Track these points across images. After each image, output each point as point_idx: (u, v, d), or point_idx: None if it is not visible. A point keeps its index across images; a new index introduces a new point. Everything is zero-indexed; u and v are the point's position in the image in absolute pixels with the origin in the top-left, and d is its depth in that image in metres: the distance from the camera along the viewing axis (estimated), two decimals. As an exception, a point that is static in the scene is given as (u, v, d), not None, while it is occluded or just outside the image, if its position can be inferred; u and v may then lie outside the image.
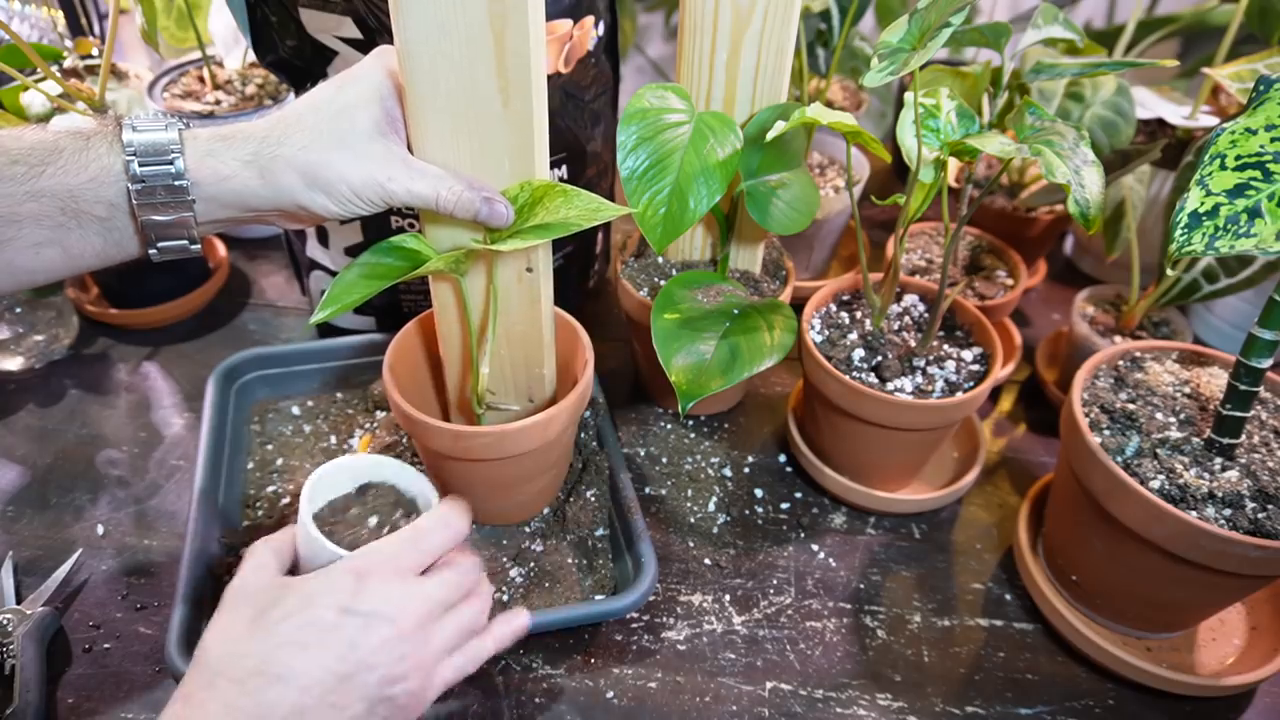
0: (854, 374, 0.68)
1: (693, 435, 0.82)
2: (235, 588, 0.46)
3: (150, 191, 0.47)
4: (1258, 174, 0.47)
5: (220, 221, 0.51)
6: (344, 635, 0.43)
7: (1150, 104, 0.94)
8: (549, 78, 0.71)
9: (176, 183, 0.48)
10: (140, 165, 0.47)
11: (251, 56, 1.00)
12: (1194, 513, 0.55)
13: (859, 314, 0.75)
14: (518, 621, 0.54)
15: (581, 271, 0.92)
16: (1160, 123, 0.95)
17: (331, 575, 0.45)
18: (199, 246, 0.51)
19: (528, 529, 0.70)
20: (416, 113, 0.51)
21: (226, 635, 0.44)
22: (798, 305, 0.73)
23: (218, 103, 0.98)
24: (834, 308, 0.76)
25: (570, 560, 0.67)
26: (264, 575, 0.46)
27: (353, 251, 0.81)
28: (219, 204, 0.50)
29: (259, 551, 0.48)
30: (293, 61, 0.72)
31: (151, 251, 0.50)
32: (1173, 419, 0.62)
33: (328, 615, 0.43)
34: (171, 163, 0.47)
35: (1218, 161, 0.48)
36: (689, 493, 0.77)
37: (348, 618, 0.43)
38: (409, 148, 0.53)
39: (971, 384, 0.68)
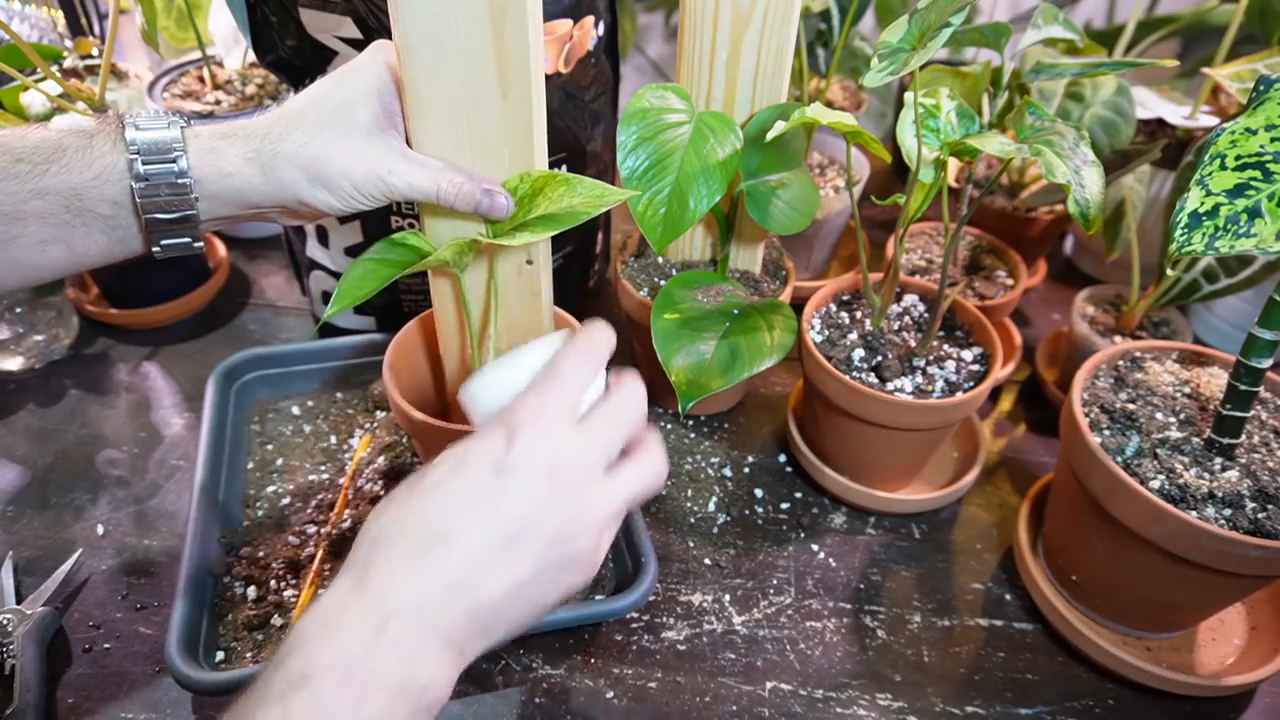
0: (854, 374, 0.68)
1: (693, 435, 0.82)
2: (411, 475, 0.43)
3: (154, 190, 0.48)
4: (1258, 174, 0.47)
5: (222, 219, 0.52)
6: (502, 494, 0.40)
7: (1150, 104, 0.94)
8: (549, 78, 0.71)
9: (179, 181, 0.48)
10: (143, 164, 0.47)
11: (251, 56, 1.00)
12: (1194, 513, 0.55)
13: (859, 314, 0.75)
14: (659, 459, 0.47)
15: (581, 271, 0.92)
16: (1160, 123, 0.95)
17: (483, 435, 0.42)
18: (201, 244, 0.51)
19: (528, 529, 0.70)
20: (416, 106, 0.51)
21: (388, 509, 0.41)
22: (798, 305, 0.73)
23: (218, 103, 0.98)
24: (834, 308, 0.76)
25: (570, 560, 0.67)
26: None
27: (352, 251, 0.81)
28: (221, 201, 0.50)
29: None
30: (293, 61, 0.72)
31: (155, 249, 0.50)
32: (1173, 419, 0.62)
33: (482, 475, 0.40)
34: (174, 161, 0.48)
35: (1218, 161, 0.48)
36: (689, 493, 0.77)
37: (502, 476, 0.40)
38: (408, 142, 0.53)
39: (971, 384, 0.68)
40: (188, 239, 0.50)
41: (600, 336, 0.47)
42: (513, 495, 0.40)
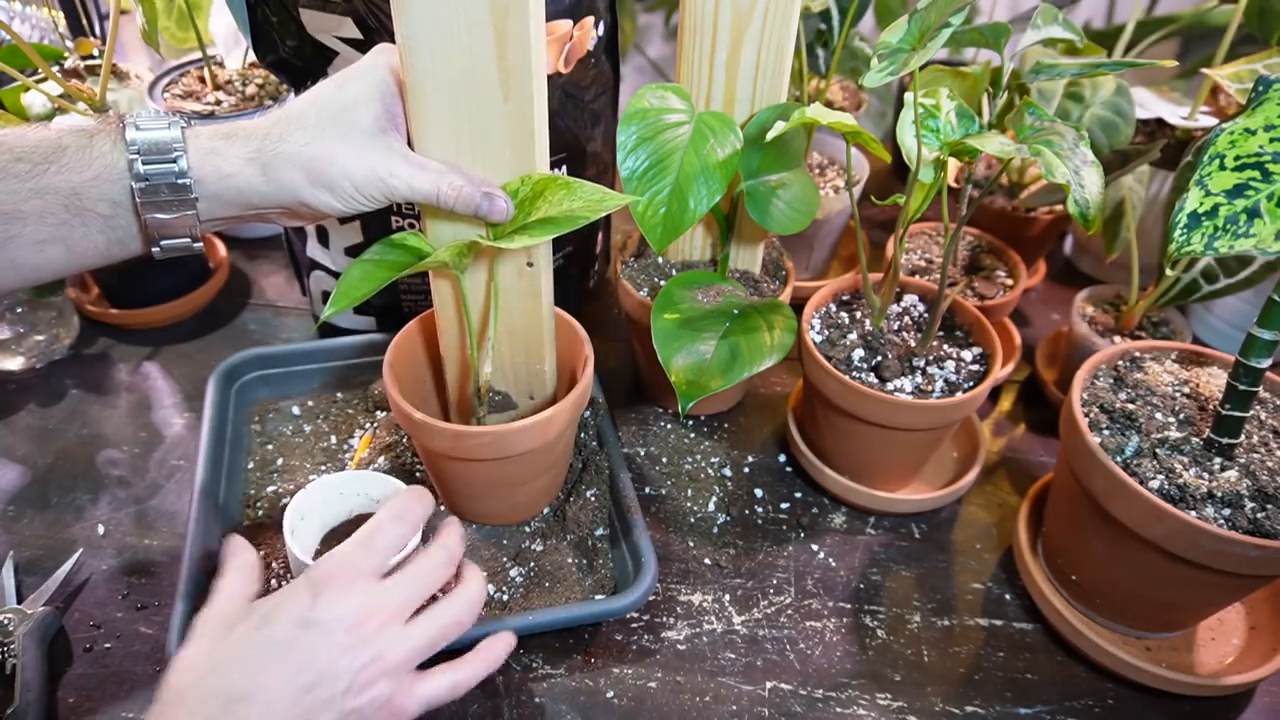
0: (854, 374, 0.68)
1: (693, 435, 0.82)
2: (203, 616, 0.46)
3: (154, 190, 0.48)
4: (1257, 174, 0.47)
5: (223, 219, 0.52)
6: (302, 647, 0.43)
7: (1150, 104, 0.94)
8: (549, 78, 0.71)
9: (180, 181, 0.48)
10: (144, 164, 0.47)
11: (252, 57, 1.00)
12: (1193, 512, 0.55)
13: (859, 314, 0.75)
14: (504, 640, 0.53)
15: (581, 271, 0.92)
16: (1160, 123, 0.95)
17: (289, 590, 0.45)
18: (201, 244, 0.51)
19: (528, 529, 0.70)
20: (418, 107, 0.51)
21: (191, 662, 0.43)
22: (798, 305, 0.73)
23: (218, 103, 0.98)
24: (834, 308, 0.76)
25: (570, 560, 0.67)
26: (232, 603, 0.46)
27: (353, 251, 0.81)
28: (222, 202, 0.50)
29: (227, 581, 0.48)
30: (293, 61, 0.72)
31: (154, 249, 0.50)
32: (1172, 419, 0.62)
33: (284, 630, 0.43)
34: (175, 161, 0.48)
35: (1217, 162, 0.48)
36: (689, 493, 0.77)
37: (305, 630, 0.43)
38: (410, 142, 0.53)
39: (971, 384, 0.68)
40: (187, 239, 0.50)
41: (415, 504, 0.51)
42: (311, 648, 0.43)
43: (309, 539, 0.61)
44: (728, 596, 0.68)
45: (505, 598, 0.65)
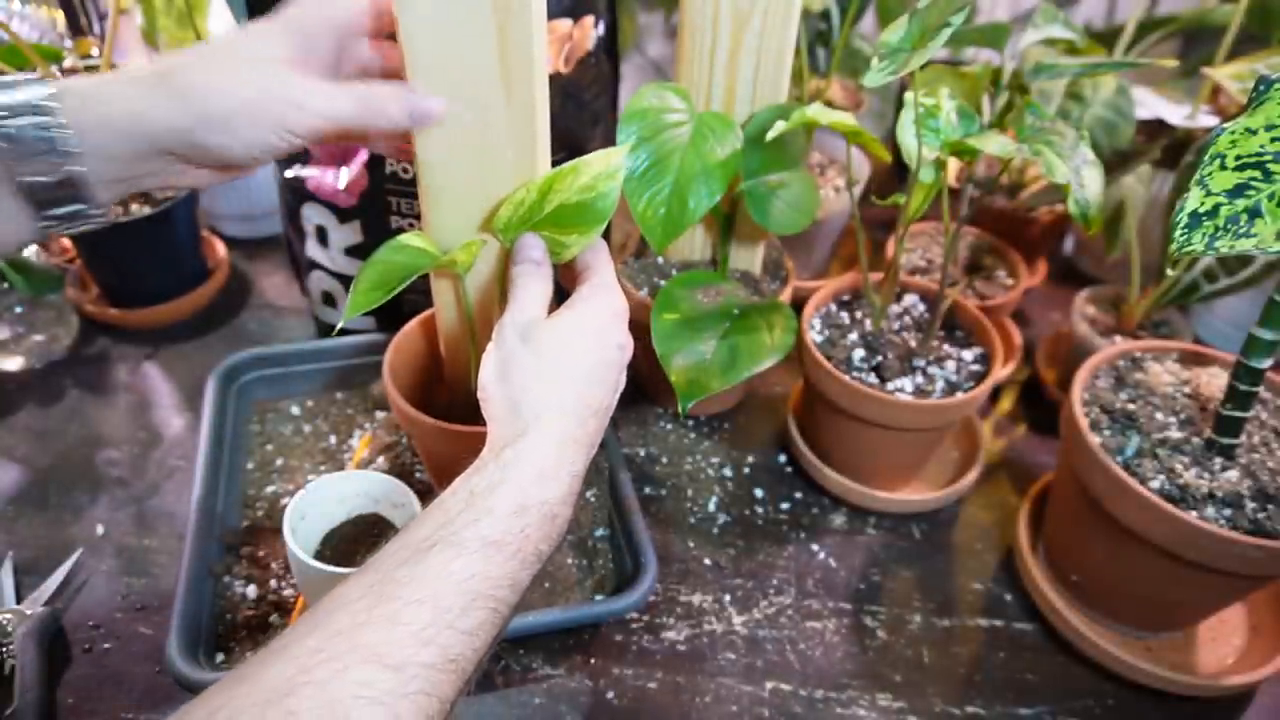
0: (854, 374, 0.68)
1: (693, 435, 0.82)
2: (526, 322, 0.50)
3: (24, 149, 0.42)
4: (1258, 174, 0.47)
5: (121, 180, 0.46)
6: (618, 365, 0.52)
7: (1150, 104, 0.94)
8: (549, 77, 0.71)
9: (55, 133, 0.42)
10: (10, 119, 0.41)
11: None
12: (1194, 513, 0.55)
13: (859, 314, 0.75)
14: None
15: (581, 271, 0.92)
16: (1160, 123, 0.95)
17: (607, 314, 0.52)
18: (103, 212, 0.46)
19: (528, 529, 0.70)
20: None
21: (542, 371, 0.49)
22: (798, 305, 0.73)
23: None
24: (834, 308, 0.76)
25: (570, 560, 0.67)
26: (544, 311, 0.52)
27: (353, 252, 0.81)
28: (107, 155, 0.44)
29: (535, 288, 0.52)
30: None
31: (41, 224, 0.44)
32: (1173, 419, 0.62)
33: (614, 355, 0.51)
34: (50, 114, 0.42)
35: (1218, 161, 0.48)
36: (689, 493, 0.77)
37: (621, 353, 0.52)
38: (411, 139, 0.52)
39: (971, 384, 0.68)
40: (78, 204, 0.44)
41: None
42: (621, 364, 0.53)
43: (309, 539, 0.61)
44: (728, 597, 0.68)
45: (505, 598, 0.65)
